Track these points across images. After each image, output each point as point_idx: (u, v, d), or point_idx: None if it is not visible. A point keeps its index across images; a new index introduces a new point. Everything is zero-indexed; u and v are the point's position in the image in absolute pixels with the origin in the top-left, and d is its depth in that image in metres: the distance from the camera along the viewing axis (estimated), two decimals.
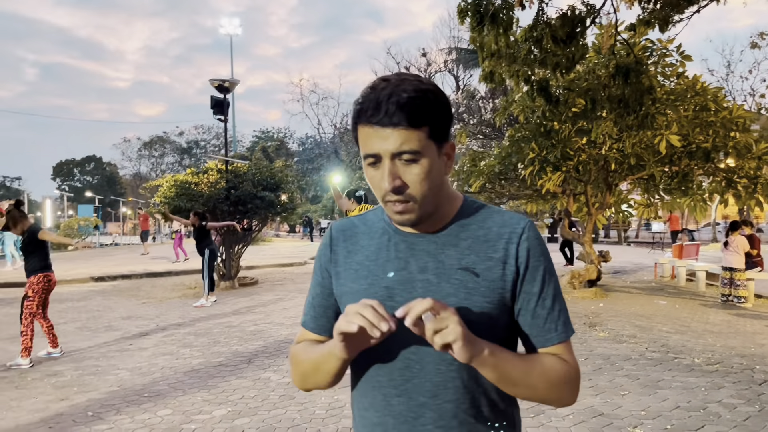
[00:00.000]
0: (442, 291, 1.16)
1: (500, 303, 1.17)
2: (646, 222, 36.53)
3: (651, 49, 9.86)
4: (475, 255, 1.19)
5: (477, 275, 1.16)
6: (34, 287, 6.27)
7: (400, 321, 1.07)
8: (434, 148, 1.15)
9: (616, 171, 11.04)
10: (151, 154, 78.28)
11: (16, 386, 5.45)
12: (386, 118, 1.10)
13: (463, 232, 1.22)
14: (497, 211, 1.25)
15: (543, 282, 1.20)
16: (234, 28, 47.46)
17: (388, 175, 1.12)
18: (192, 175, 12.80)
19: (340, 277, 1.28)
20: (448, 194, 1.24)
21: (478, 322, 1.13)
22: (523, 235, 1.20)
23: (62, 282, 12.78)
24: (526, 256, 1.19)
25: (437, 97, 1.13)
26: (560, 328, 1.20)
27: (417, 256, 1.20)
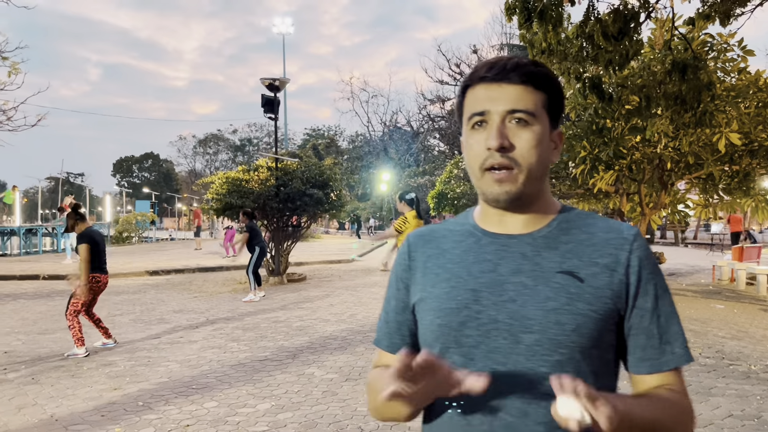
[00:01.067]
0: (538, 295, 1.02)
1: (606, 315, 1.02)
2: (705, 223, 35.29)
3: (710, 44, 9.50)
4: (578, 259, 1.05)
5: (581, 280, 1.03)
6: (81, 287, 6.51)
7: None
8: (547, 122, 1.07)
9: (672, 170, 10.71)
10: (206, 151, 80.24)
11: (72, 375, 5.68)
12: (503, 73, 1.04)
13: (564, 236, 1.09)
14: (601, 219, 1.13)
15: (657, 297, 1.06)
16: (286, 27, 48.15)
17: (495, 132, 1.02)
18: (243, 172, 13.05)
19: (418, 283, 1.15)
20: (548, 194, 1.14)
21: (580, 333, 1.00)
22: (635, 242, 1.07)
23: (119, 275, 13.26)
24: (638, 266, 1.05)
25: (555, 78, 1.08)
26: (678, 350, 1.05)
27: (509, 258, 1.07)
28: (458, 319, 1.05)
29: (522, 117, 1.03)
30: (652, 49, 9.45)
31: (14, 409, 4.69)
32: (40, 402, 4.87)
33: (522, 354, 1.01)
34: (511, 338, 1.01)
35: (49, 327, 8.05)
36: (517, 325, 1.01)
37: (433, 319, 1.09)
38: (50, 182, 70.01)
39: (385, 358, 1.21)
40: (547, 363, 1.00)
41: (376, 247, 25.25)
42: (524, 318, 1.01)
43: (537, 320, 1.00)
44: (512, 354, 1.01)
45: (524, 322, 1.01)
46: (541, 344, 1.00)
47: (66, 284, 7.19)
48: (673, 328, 1.06)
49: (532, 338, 1.00)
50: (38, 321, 8.51)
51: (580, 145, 10.32)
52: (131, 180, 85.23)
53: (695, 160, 9.97)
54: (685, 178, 11.19)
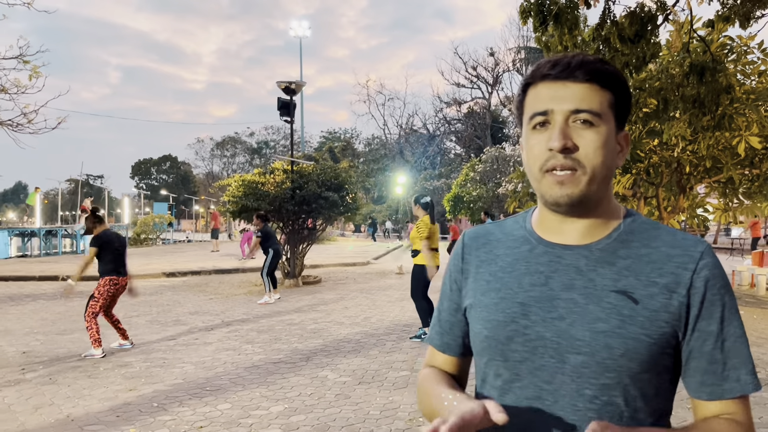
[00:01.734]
0: (588, 314, 0.98)
1: (661, 339, 0.97)
2: (725, 227, 34.83)
3: (730, 47, 9.39)
4: (635, 277, 0.99)
5: (636, 301, 0.97)
6: (100, 289, 6.58)
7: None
8: (613, 122, 1.01)
9: (691, 174, 10.58)
10: (223, 154, 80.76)
11: (89, 375, 5.74)
12: (568, 70, 0.99)
13: (623, 249, 1.02)
14: (668, 230, 1.04)
15: (722, 319, 0.98)
16: (303, 31, 48.37)
17: (558, 132, 0.98)
18: (259, 175, 13.13)
19: (470, 289, 1.13)
20: (612, 200, 1.07)
21: (630, 358, 0.95)
22: (702, 261, 0.99)
23: (136, 277, 13.37)
24: (702, 287, 0.98)
25: (623, 77, 1.03)
26: (743, 378, 0.98)
27: (562, 271, 1.03)
28: (505, 333, 1.03)
29: (587, 117, 0.98)
30: (669, 51, 9.36)
31: (31, 409, 4.75)
32: (57, 402, 4.93)
33: (568, 374, 0.98)
34: (558, 357, 0.99)
35: (68, 327, 8.15)
36: (564, 344, 0.98)
37: (481, 329, 1.08)
38: (70, 184, 70.88)
39: (437, 357, 1.21)
40: (593, 386, 0.97)
41: (391, 250, 25.24)
42: (572, 338, 0.98)
43: (585, 341, 0.97)
44: (558, 373, 0.99)
45: (572, 342, 0.98)
46: (588, 366, 0.97)
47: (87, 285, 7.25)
48: (739, 354, 0.99)
49: (579, 360, 0.97)
50: (57, 321, 8.62)
51: None
52: (149, 182, 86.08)
53: (714, 164, 9.84)
54: (704, 181, 11.05)
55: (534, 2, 6.09)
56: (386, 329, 7.93)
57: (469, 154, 46.23)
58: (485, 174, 30.58)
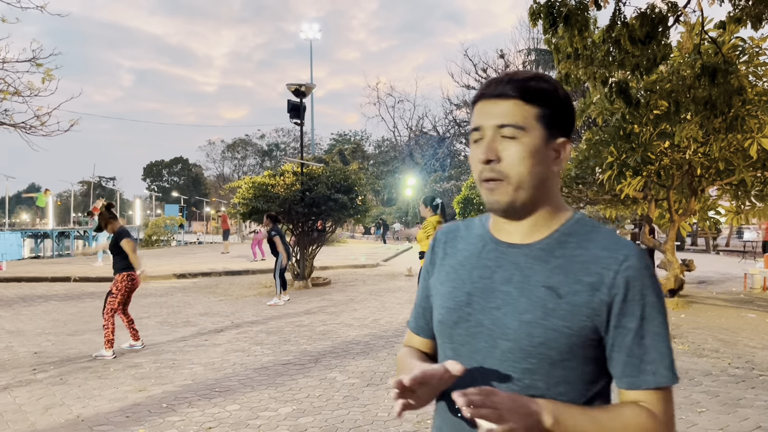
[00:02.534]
0: (519, 306, 1.09)
1: (582, 331, 1.06)
2: (737, 230, 34.53)
3: (742, 48, 9.31)
4: (563, 275, 1.09)
5: (560, 296, 1.07)
6: (118, 285, 6.63)
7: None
8: (542, 134, 1.11)
9: (702, 176, 10.50)
10: (234, 156, 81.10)
11: (99, 376, 5.78)
12: (497, 88, 1.11)
13: (559, 249, 1.12)
14: (606, 234, 1.13)
15: (643, 318, 1.06)
16: (314, 33, 48.46)
17: (484, 146, 1.11)
18: (269, 177, 13.17)
19: (435, 277, 1.27)
20: (555, 203, 1.16)
21: (549, 347, 1.06)
22: (625, 263, 1.07)
23: (147, 278, 13.46)
24: (623, 287, 1.05)
25: (556, 87, 1.12)
26: (659, 371, 1.06)
27: (505, 267, 1.14)
28: (453, 318, 1.17)
29: (510, 132, 1.09)
30: (680, 53, 9.31)
31: (42, 409, 4.79)
32: (68, 402, 4.97)
33: (497, 358, 1.10)
34: (491, 342, 1.11)
35: (79, 328, 8.21)
36: (497, 331, 1.10)
37: (437, 314, 1.23)
38: (83, 186, 71.44)
39: (413, 339, 1.36)
40: (517, 369, 1.08)
41: (401, 252, 25.23)
42: (503, 326, 1.09)
43: (512, 329, 1.08)
44: (489, 357, 1.11)
45: (503, 329, 1.09)
46: (512, 352, 1.08)
47: (98, 286, 7.31)
48: (657, 349, 1.06)
49: (507, 345, 1.09)
50: (68, 322, 8.69)
51: (607, 150, 10.19)
52: (161, 184, 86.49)
53: (726, 166, 9.76)
54: (716, 184, 10.95)
55: (544, 4, 6.07)
56: (395, 331, 7.92)
57: None
58: None
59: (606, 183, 10.20)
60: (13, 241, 20.98)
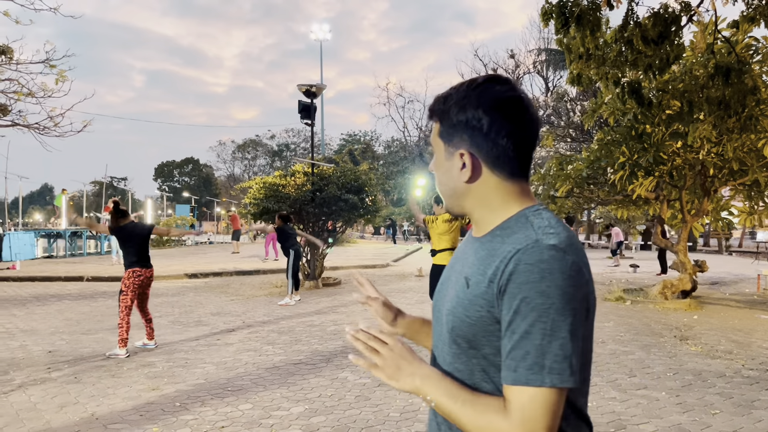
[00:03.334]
0: (449, 293, 1.21)
1: (479, 321, 1.09)
2: (750, 230, 34.23)
3: (755, 48, 9.25)
4: (477, 266, 1.13)
5: (468, 287, 1.13)
6: (125, 281, 6.68)
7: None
8: (441, 146, 1.21)
9: (715, 176, 10.43)
10: (244, 156, 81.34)
11: (113, 375, 5.83)
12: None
13: (489, 243, 1.15)
14: (532, 228, 1.10)
15: (516, 313, 1.02)
16: (324, 34, 48.51)
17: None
18: (280, 177, 13.22)
19: None
20: (494, 204, 1.18)
21: (456, 334, 1.14)
22: (515, 256, 1.05)
23: (159, 278, 13.55)
24: (506, 280, 1.04)
25: (454, 94, 1.18)
26: (519, 370, 1.01)
27: (462, 258, 1.25)
28: (434, 302, 1.31)
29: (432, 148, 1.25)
30: (693, 52, 9.25)
31: (56, 407, 4.84)
32: (82, 401, 5.01)
33: (440, 341, 1.22)
34: (438, 326, 1.24)
35: (92, 327, 8.28)
36: (439, 316, 1.24)
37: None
38: (95, 186, 71.98)
39: None
40: (449, 353, 1.18)
41: (411, 252, 25.21)
42: (441, 311, 1.22)
43: (443, 315, 1.20)
44: (438, 340, 1.24)
45: (441, 314, 1.22)
46: (442, 336, 1.21)
47: (110, 285, 7.32)
48: (522, 347, 1.01)
49: (440, 330, 1.22)
50: (81, 321, 8.76)
51: (618, 150, 10.15)
52: (172, 184, 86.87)
53: (739, 166, 9.70)
54: (729, 184, 10.88)
55: (556, 4, 6.06)
56: None
57: None
58: None
59: (618, 183, 10.16)
60: (26, 241, 21.16)
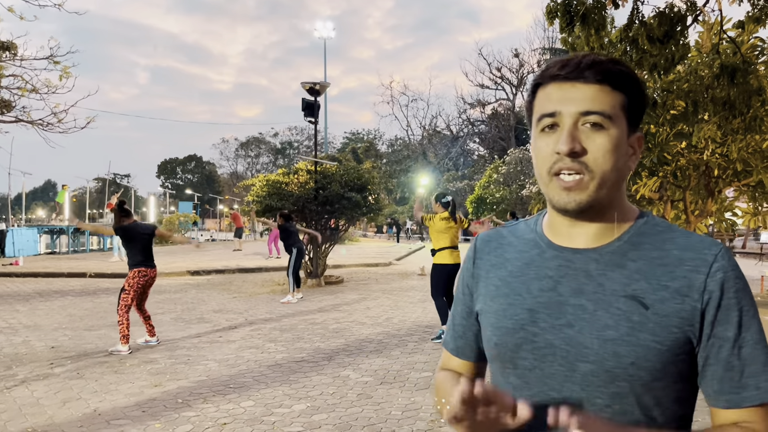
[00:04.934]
0: (597, 321, 0.95)
1: (674, 345, 0.93)
2: (754, 231, 34.17)
3: (761, 48, 9.21)
4: (645, 281, 0.95)
5: (646, 307, 0.94)
6: (129, 281, 6.68)
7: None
8: (625, 125, 0.98)
9: (720, 177, 10.40)
10: (247, 154, 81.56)
11: (116, 371, 5.83)
12: (578, 70, 0.95)
13: (634, 252, 0.99)
14: (682, 233, 1.00)
15: (740, 325, 0.93)
16: (328, 32, 48.53)
17: (566, 135, 0.95)
18: (283, 175, 13.22)
19: (481, 293, 1.12)
20: (624, 203, 1.03)
21: (640, 367, 0.92)
22: (716, 263, 0.94)
23: (162, 275, 13.56)
24: (718, 291, 0.93)
25: (636, 76, 1.00)
26: (762, 385, 0.92)
27: (571, 276, 1.00)
28: (514, 340, 1.02)
29: (597, 120, 0.95)
30: (699, 52, 9.22)
31: (59, 403, 4.84)
32: (84, 396, 5.02)
33: (577, 383, 0.96)
34: (567, 365, 0.96)
35: (95, 323, 8.29)
36: (573, 352, 0.96)
37: (491, 336, 1.07)
38: (98, 183, 72.13)
39: (451, 362, 1.21)
40: (604, 394, 0.95)
41: (414, 251, 25.22)
42: (581, 345, 0.95)
43: (593, 350, 0.94)
44: (567, 382, 0.97)
45: (580, 350, 0.95)
46: (597, 375, 0.94)
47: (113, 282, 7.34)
48: (758, 360, 0.93)
49: (588, 368, 0.95)
50: (84, 317, 8.77)
51: None
52: (175, 181, 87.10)
53: (744, 167, 9.67)
54: (733, 185, 10.85)
55: (561, 2, 6.04)
56: (408, 330, 7.92)
57: (492, 155, 45.98)
58: (509, 176, 30.38)
59: None
60: (29, 237, 21.22)
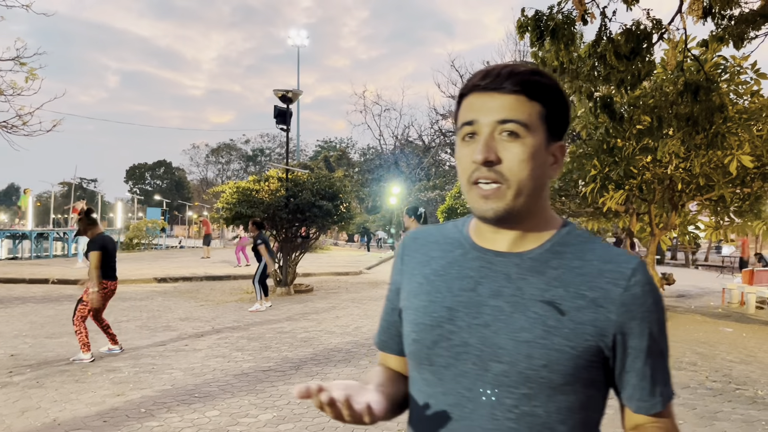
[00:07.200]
0: (513, 323, 0.96)
1: (587, 352, 0.96)
2: (716, 245, 34.99)
3: (723, 67, 9.49)
4: (564, 289, 0.98)
5: (562, 313, 0.96)
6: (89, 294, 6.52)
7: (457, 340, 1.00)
8: (543, 135, 0.99)
9: (683, 191, 10.67)
10: (218, 160, 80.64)
11: (77, 380, 5.70)
12: (497, 81, 0.97)
13: (555, 260, 1.01)
14: (603, 245, 1.03)
15: (652, 337, 0.98)
16: (302, 40, 48.52)
17: (482, 144, 0.97)
18: (253, 182, 13.12)
19: (405, 289, 1.13)
20: (547, 211, 1.06)
21: (552, 370, 0.94)
22: (634, 277, 0.97)
23: (127, 281, 13.32)
24: (634, 304, 0.97)
25: (558, 86, 1.01)
26: (665, 392, 1.01)
27: (492, 278, 1.01)
28: (431, 337, 1.03)
29: (512, 128, 0.96)
30: (664, 69, 9.46)
31: (18, 412, 4.71)
32: (44, 406, 4.89)
33: (489, 382, 0.97)
34: (481, 365, 0.98)
35: (57, 331, 8.10)
36: (487, 352, 0.97)
37: (410, 332, 1.08)
38: (63, 187, 70.58)
39: (386, 358, 1.23)
40: (513, 395, 0.96)
41: (384, 260, 25.22)
42: (495, 346, 0.97)
43: (507, 350, 0.96)
44: (479, 381, 0.98)
45: (495, 350, 0.97)
46: (509, 376, 0.96)
47: (77, 288, 7.22)
48: (663, 368, 1.02)
49: (501, 368, 0.96)
50: (46, 325, 8.56)
51: (590, 163, 10.31)
52: (143, 187, 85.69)
53: (706, 182, 9.93)
54: (696, 199, 11.13)
55: (532, 17, 6.15)
56: None
57: None
58: None
59: (589, 196, 10.32)
60: None
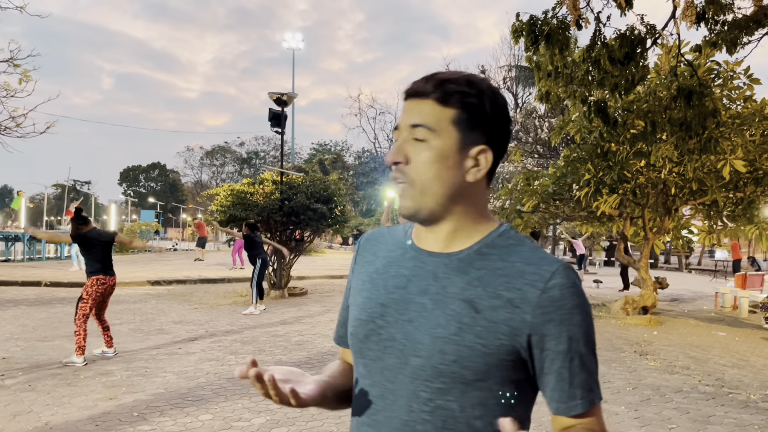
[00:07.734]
0: (433, 320, 1.01)
1: (499, 351, 0.98)
2: (709, 249, 35.15)
3: (717, 72, 9.54)
4: (482, 288, 1.01)
5: (477, 311, 0.99)
6: (88, 289, 6.50)
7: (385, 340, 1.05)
8: (456, 138, 1.02)
9: (676, 195, 10.71)
10: (212, 162, 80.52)
11: (69, 383, 5.67)
12: (416, 88, 1.05)
13: (480, 260, 1.04)
14: (531, 248, 1.05)
15: (571, 339, 0.99)
16: (297, 43, 48.52)
17: (393, 147, 1.06)
18: (248, 185, 13.10)
19: (353, 287, 1.20)
20: (477, 213, 1.08)
21: (462, 366, 0.97)
22: (552, 280, 0.99)
23: (121, 284, 13.26)
24: (551, 306, 0.98)
25: (483, 92, 1.03)
26: (587, 394, 1.01)
27: (421, 276, 1.06)
28: (364, 332, 1.09)
29: (420, 132, 1.02)
30: (658, 74, 9.51)
31: (9, 416, 4.68)
32: (36, 409, 4.86)
33: (407, 376, 1.02)
34: (402, 359, 1.03)
35: (49, 334, 8.05)
36: (408, 347, 1.02)
37: (350, 326, 1.14)
38: (57, 189, 70.28)
39: (345, 352, 1.28)
40: (428, 389, 1.00)
41: None
42: (415, 341, 1.02)
43: (425, 345, 1.00)
44: (400, 374, 1.03)
45: (415, 345, 1.01)
46: (425, 370, 1.00)
47: (69, 291, 7.16)
48: (585, 370, 1.01)
49: (418, 362, 1.01)
50: (38, 328, 8.51)
51: (584, 167, 10.34)
52: (137, 189, 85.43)
53: (699, 186, 9.98)
54: (689, 203, 11.18)
55: (526, 22, 6.17)
56: None
57: None
58: None
59: (582, 200, 10.34)
60: None
